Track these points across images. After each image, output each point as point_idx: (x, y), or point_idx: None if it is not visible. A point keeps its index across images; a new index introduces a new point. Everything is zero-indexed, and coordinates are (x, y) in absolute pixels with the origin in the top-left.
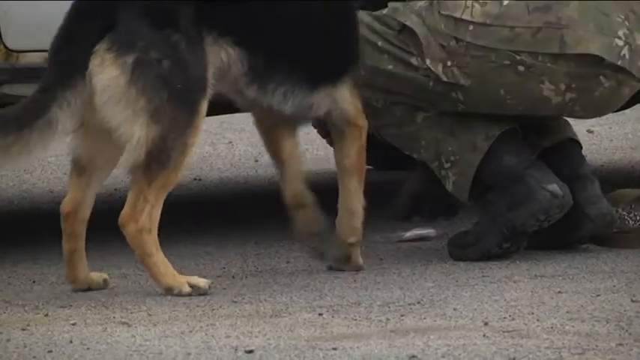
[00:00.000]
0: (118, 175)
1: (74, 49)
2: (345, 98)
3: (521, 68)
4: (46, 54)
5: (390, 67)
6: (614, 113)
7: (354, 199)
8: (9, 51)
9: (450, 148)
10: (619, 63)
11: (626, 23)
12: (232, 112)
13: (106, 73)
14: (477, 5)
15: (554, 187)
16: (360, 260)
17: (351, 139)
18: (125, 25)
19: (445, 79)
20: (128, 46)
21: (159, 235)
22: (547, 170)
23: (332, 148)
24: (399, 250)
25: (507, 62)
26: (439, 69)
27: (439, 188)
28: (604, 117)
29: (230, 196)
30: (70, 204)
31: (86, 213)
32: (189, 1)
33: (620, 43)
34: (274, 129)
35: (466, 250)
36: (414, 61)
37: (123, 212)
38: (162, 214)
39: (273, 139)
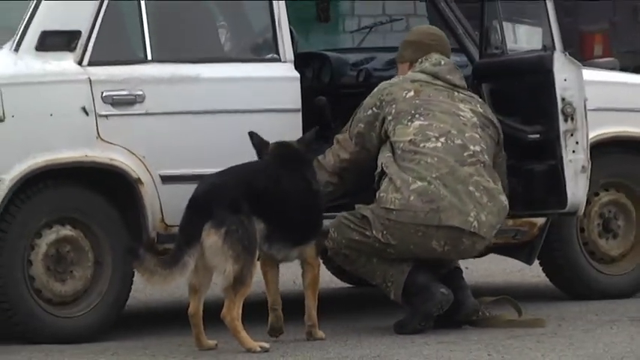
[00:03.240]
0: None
1: (193, 227)
2: (307, 252)
3: (420, 234)
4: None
5: (356, 237)
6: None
7: (309, 301)
8: (167, 226)
9: (390, 274)
10: (471, 230)
11: (475, 208)
12: None
13: (211, 239)
14: (396, 201)
15: (444, 290)
16: (319, 335)
17: (308, 272)
18: (218, 213)
19: (383, 241)
20: (221, 225)
21: (243, 322)
22: (439, 282)
23: None
24: (375, 329)
25: (412, 230)
26: (379, 236)
27: None
28: (472, 258)
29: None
30: (193, 310)
31: (201, 312)
32: (246, 200)
33: (472, 219)
34: (266, 265)
35: (402, 328)
36: (367, 232)
37: (223, 311)
38: (242, 312)
39: (265, 270)
